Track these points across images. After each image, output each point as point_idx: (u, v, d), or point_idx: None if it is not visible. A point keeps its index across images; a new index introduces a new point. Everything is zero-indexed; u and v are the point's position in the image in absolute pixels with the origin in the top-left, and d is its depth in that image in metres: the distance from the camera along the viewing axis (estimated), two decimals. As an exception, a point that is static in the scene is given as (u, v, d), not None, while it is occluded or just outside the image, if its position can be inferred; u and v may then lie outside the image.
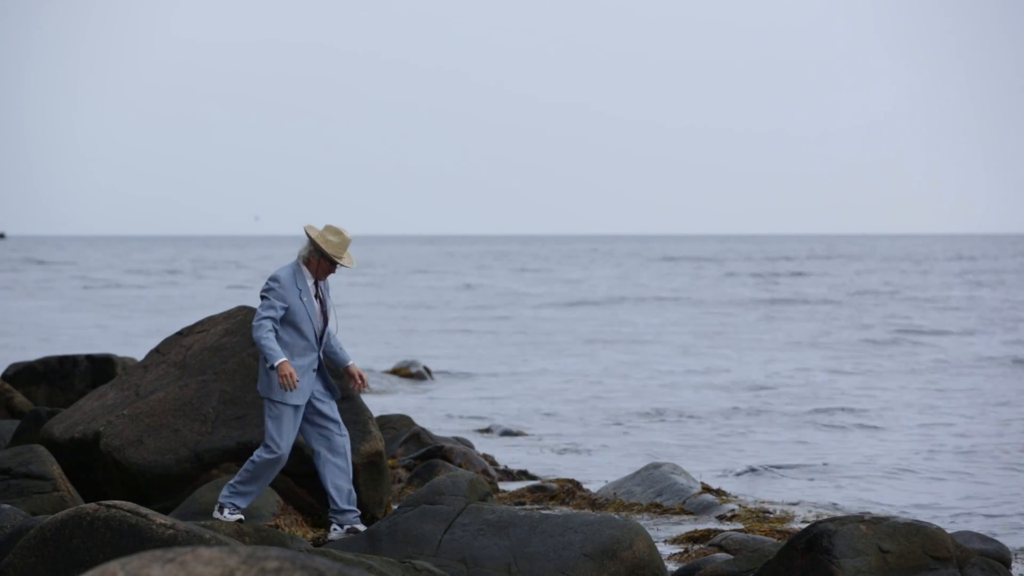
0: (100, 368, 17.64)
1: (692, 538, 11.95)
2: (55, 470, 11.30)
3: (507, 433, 19.22)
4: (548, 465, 16.58)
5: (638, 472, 14.23)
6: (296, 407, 9.78)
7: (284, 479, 11.55)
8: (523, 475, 15.67)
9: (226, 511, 9.93)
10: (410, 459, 15.18)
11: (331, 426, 9.91)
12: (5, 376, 17.77)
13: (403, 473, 14.65)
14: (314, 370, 9.83)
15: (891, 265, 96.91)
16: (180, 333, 13.00)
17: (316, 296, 9.81)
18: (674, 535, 12.20)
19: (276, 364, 9.53)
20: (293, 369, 9.55)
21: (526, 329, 40.00)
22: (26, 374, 17.72)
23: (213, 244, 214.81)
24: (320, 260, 9.75)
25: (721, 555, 10.33)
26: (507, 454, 17.38)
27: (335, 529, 9.96)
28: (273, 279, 9.69)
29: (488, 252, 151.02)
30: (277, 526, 10.81)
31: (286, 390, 9.57)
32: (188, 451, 11.55)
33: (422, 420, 19.07)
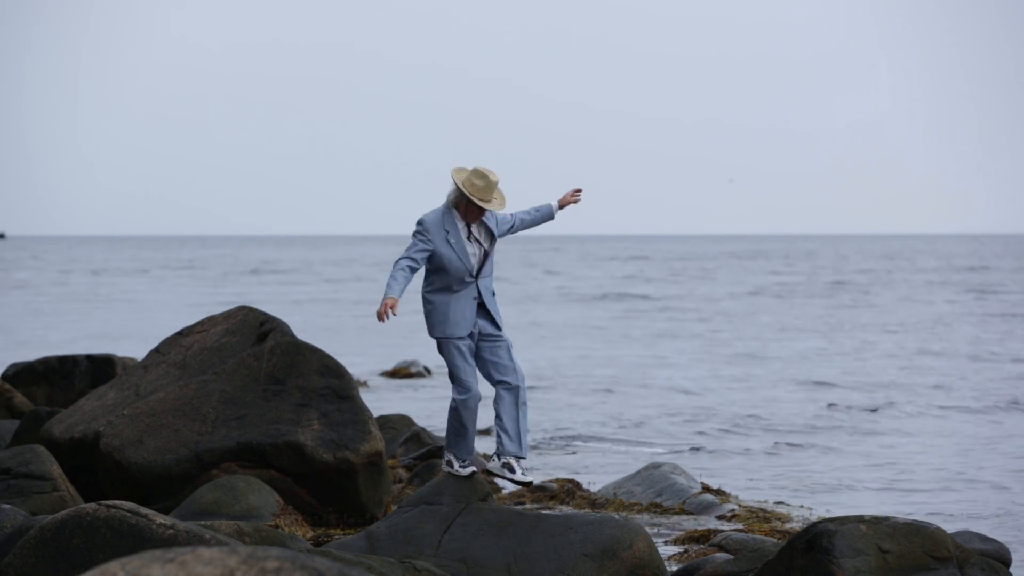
0: (100, 368, 17.65)
1: (692, 538, 11.96)
2: (55, 470, 11.31)
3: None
4: (548, 465, 16.59)
5: (638, 472, 14.23)
6: (459, 339, 9.51)
7: (284, 479, 11.56)
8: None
9: (456, 464, 9.67)
10: (410, 459, 15.18)
11: (504, 370, 9.63)
12: (5, 376, 17.78)
13: (403, 473, 14.65)
14: (474, 299, 9.54)
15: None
16: (180, 333, 13.01)
17: (469, 238, 9.53)
18: (674, 535, 12.21)
19: (384, 296, 9.27)
20: (394, 303, 9.18)
21: (527, 326, 40.01)
22: (26, 374, 17.74)
23: (230, 244, 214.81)
24: (467, 204, 9.52)
25: (721, 555, 10.33)
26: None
27: (494, 459, 9.65)
28: (419, 222, 9.50)
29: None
30: (277, 526, 10.81)
31: (381, 319, 9.31)
32: (188, 451, 11.54)
33: (422, 420, 19.07)
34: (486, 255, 9.58)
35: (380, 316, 9.25)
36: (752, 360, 30.38)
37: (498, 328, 9.64)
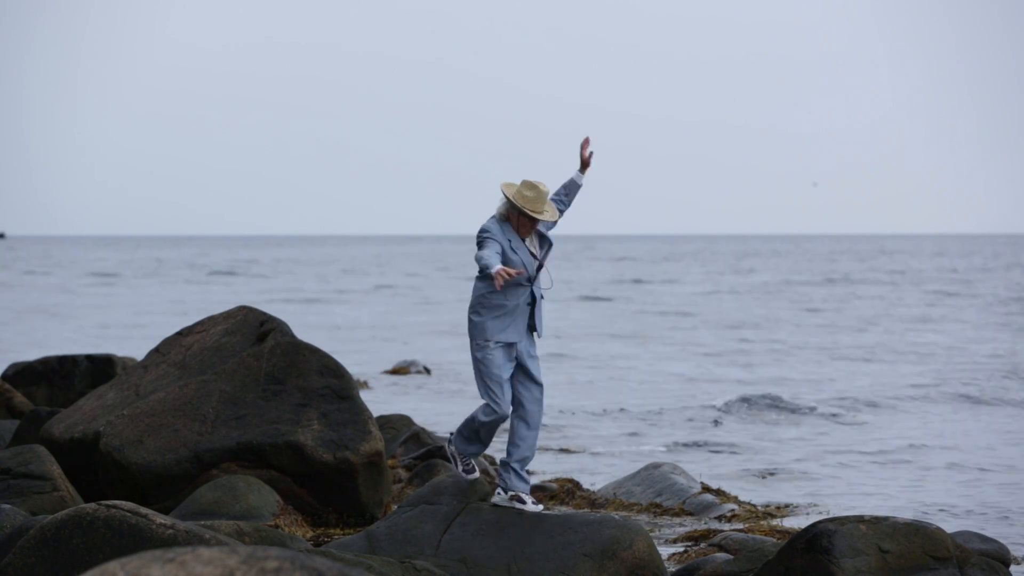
0: (100, 368, 17.65)
1: (692, 538, 11.95)
2: (55, 470, 11.31)
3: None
4: (548, 465, 16.58)
5: (638, 472, 14.23)
6: (508, 346, 9.37)
7: (284, 479, 11.56)
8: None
9: (459, 465, 9.63)
10: (410, 459, 15.17)
11: (532, 391, 9.55)
12: (5, 376, 17.78)
13: (403, 473, 14.64)
14: (527, 304, 9.43)
15: None
16: (180, 333, 13.01)
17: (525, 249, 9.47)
18: (674, 535, 12.21)
19: (494, 270, 9.04)
20: (504, 268, 9.06)
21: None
22: (26, 374, 17.74)
23: (230, 244, 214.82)
24: (519, 216, 9.43)
25: (721, 555, 10.33)
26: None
27: (499, 493, 9.63)
28: (484, 229, 9.38)
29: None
30: (277, 526, 10.81)
31: (500, 282, 9.00)
32: (188, 451, 11.55)
33: (422, 420, 19.07)
34: (539, 267, 9.50)
35: (506, 275, 9.04)
36: (737, 359, 30.41)
37: (534, 347, 9.54)
